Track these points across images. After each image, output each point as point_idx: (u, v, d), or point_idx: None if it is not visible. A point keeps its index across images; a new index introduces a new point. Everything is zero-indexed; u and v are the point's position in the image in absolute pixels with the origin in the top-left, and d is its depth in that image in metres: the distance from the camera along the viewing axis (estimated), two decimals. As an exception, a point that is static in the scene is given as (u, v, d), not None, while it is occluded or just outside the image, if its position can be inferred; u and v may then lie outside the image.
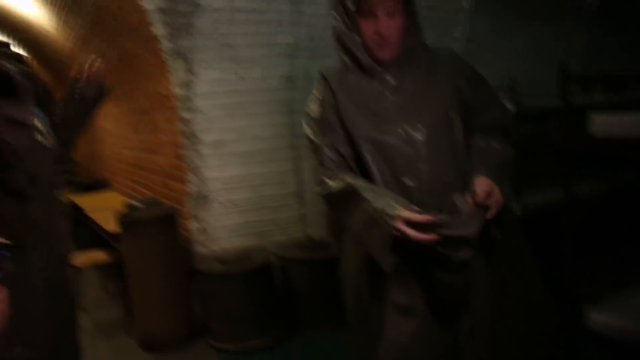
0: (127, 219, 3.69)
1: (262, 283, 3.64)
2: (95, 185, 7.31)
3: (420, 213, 1.43)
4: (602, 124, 2.81)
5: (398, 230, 1.43)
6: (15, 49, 1.75)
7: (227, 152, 4.01)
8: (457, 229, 1.45)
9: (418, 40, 1.72)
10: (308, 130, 1.79)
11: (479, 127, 1.70)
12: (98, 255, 4.62)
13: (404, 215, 1.43)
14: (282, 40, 4.08)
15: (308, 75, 4.18)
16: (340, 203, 1.65)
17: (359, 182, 1.61)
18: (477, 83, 1.74)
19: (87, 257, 4.62)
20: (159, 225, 3.71)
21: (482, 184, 1.51)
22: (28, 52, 8.78)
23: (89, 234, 5.40)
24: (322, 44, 4.18)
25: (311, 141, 1.76)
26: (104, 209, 4.96)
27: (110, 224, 4.07)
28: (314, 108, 1.79)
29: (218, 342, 3.64)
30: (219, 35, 3.88)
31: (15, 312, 1.84)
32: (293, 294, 3.78)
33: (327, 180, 1.67)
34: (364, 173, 1.67)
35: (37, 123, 1.85)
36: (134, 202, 4.09)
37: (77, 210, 5.62)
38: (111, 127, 6.58)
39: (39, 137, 1.84)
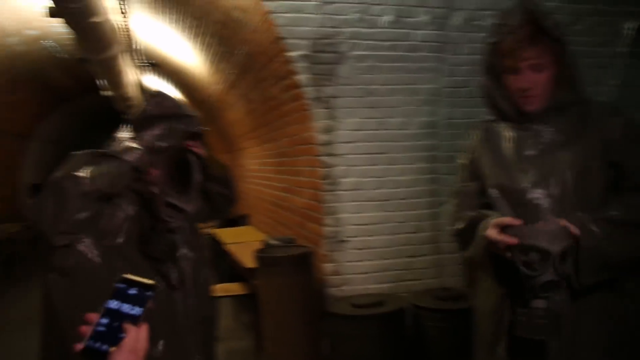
0: (264, 256, 3.82)
1: (393, 329, 3.57)
2: (236, 220, 7.70)
3: None
4: None
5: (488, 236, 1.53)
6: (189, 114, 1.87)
7: (365, 197, 4.04)
8: (540, 240, 1.45)
9: (570, 93, 1.66)
10: (457, 177, 1.91)
11: (625, 188, 1.61)
12: (234, 287, 4.83)
13: (495, 221, 1.54)
14: (424, 87, 4.09)
15: (449, 122, 4.14)
16: (465, 237, 1.73)
17: (480, 213, 1.69)
18: (632, 142, 1.62)
19: (224, 288, 4.84)
20: (295, 264, 3.80)
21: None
22: (183, 93, 9.60)
23: (226, 266, 5.69)
24: (463, 91, 4.15)
25: (456, 187, 1.90)
26: (242, 243, 5.19)
27: (247, 259, 4.24)
28: (464, 157, 1.90)
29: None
30: (360, 82, 3.98)
31: (164, 348, 1.97)
32: (424, 342, 3.67)
33: (458, 221, 1.79)
34: None
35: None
36: (272, 240, 4.25)
37: (217, 243, 5.94)
38: (255, 166, 6.94)
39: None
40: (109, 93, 7.11)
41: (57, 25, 5.81)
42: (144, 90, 8.59)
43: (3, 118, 9.61)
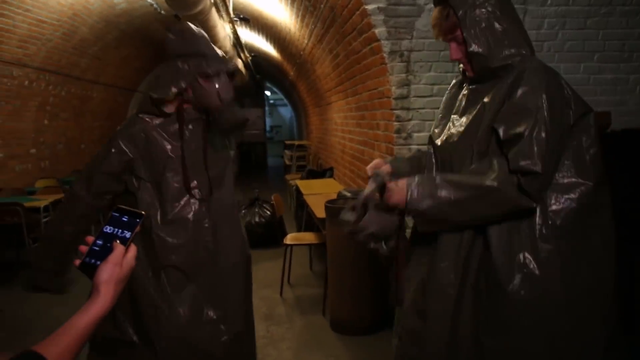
0: (331, 206, 3.95)
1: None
2: (321, 172, 7.88)
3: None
4: None
5: None
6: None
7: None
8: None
9: (486, 57, 1.70)
10: None
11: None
12: (308, 236, 5.03)
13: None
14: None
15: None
16: None
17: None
18: (506, 111, 1.64)
19: (299, 237, 5.05)
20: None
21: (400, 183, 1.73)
22: (275, 48, 9.78)
23: (305, 216, 5.90)
24: (547, 45, 3.99)
25: None
26: (320, 194, 5.36)
27: (320, 210, 4.39)
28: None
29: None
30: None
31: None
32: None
33: None
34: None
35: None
36: (345, 192, 4.35)
37: (299, 193, 6.15)
38: (340, 120, 7.04)
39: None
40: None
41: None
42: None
43: (112, 73, 10.30)
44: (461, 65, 1.83)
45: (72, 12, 6.93)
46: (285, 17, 6.80)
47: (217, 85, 2.21)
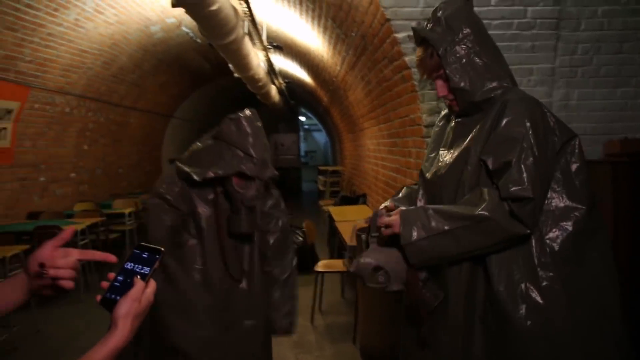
0: (360, 234, 3.93)
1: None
2: (355, 199, 7.87)
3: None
4: None
5: None
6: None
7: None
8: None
9: (467, 93, 1.75)
10: None
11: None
12: (338, 264, 5.01)
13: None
14: (538, 67, 3.94)
15: (566, 103, 3.96)
16: None
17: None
18: (492, 142, 1.67)
19: (331, 264, 5.04)
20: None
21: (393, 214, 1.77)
22: (309, 74, 9.89)
23: (338, 242, 5.88)
24: (581, 71, 3.95)
25: None
26: (353, 221, 5.34)
27: (351, 237, 4.38)
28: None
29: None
30: (470, 62, 3.91)
31: None
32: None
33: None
34: None
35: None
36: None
37: (332, 220, 6.14)
38: (372, 146, 7.04)
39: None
40: (240, 75, 7.54)
41: (190, 13, 6.27)
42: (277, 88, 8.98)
43: (149, 100, 10.56)
44: (447, 101, 1.88)
45: (112, 41, 7.17)
46: (317, 44, 6.89)
47: (245, 191, 2.19)
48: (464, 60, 1.73)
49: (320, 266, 4.94)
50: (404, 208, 1.80)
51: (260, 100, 11.63)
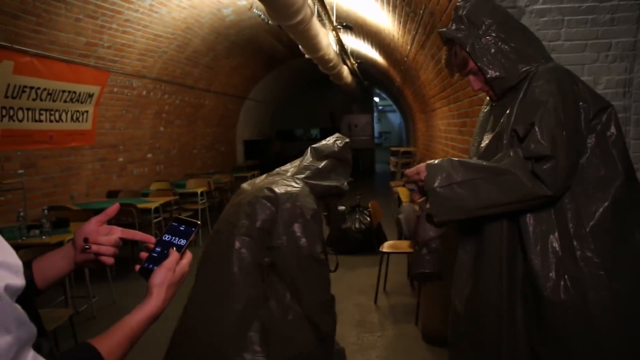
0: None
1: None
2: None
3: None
4: None
5: None
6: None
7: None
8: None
9: (504, 80, 1.77)
10: None
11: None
12: (405, 245, 4.95)
13: None
14: (617, 41, 3.69)
15: (648, 81, 3.71)
16: None
17: None
18: (523, 108, 1.69)
19: (396, 245, 4.99)
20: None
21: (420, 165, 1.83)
22: (381, 54, 9.76)
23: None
24: (666, 46, 3.66)
25: None
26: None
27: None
28: None
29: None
30: (542, 38, 3.72)
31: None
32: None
33: None
34: None
35: None
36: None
37: (400, 201, 6.08)
38: (443, 126, 6.89)
39: None
40: (310, 56, 7.55)
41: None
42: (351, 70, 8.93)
43: (222, 82, 10.79)
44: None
45: (185, 25, 7.35)
46: (387, 23, 6.77)
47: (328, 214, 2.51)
48: (493, 50, 1.75)
49: (386, 247, 4.90)
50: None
51: (332, 81, 11.62)
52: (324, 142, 2.50)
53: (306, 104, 19.90)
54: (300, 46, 6.83)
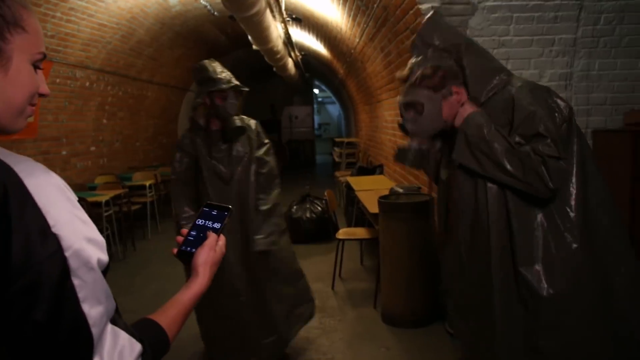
0: (385, 202, 4.03)
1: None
2: (371, 169, 7.95)
3: None
4: None
5: None
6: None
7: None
8: None
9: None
10: None
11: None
12: (360, 231, 5.11)
13: None
14: (559, 37, 3.95)
15: (586, 74, 3.99)
16: None
17: None
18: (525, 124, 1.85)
19: (352, 232, 5.14)
20: (413, 212, 3.96)
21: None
22: (325, 46, 9.87)
23: (356, 211, 5.98)
24: (603, 41, 3.96)
25: None
26: (371, 190, 5.43)
27: (372, 205, 4.47)
28: None
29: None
30: (492, 33, 3.94)
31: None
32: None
33: None
34: None
35: None
36: (397, 188, 4.41)
37: (350, 190, 6.23)
38: (390, 117, 7.08)
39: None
40: (259, 47, 7.56)
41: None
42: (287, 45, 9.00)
43: (166, 73, 10.62)
44: None
45: (131, 15, 7.21)
46: (336, 16, 6.89)
47: (225, 102, 3.19)
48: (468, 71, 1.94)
49: (342, 234, 5.05)
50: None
51: (276, 73, 11.63)
52: None
53: (247, 95, 19.71)
54: (250, 37, 6.85)
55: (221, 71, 3.25)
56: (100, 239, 0.84)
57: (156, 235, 7.75)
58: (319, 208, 6.88)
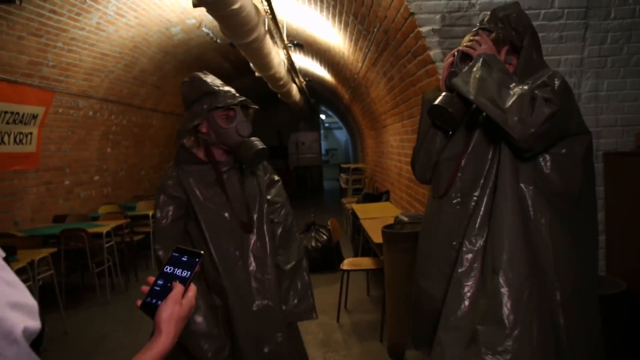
0: (388, 232, 3.88)
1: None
2: (378, 196, 7.81)
3: None
4: None
5: None
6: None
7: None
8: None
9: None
10: None
11: None
12: (365, 262, 4.95)
13: None
14: (565, 58, 3.84)
15: (595, 94, 3.86)
16: None
17: None
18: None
19: (357, 262, 4.99)
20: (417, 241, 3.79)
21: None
22: (330, 72, 9.83)
23: (362, 240, 5.83)
24: (611, 61, 3.84)
25: None
26: (376, 218, 5.29)
27: (376, 235, 4.33)
28: None
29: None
30: (496, 55, 3.83)
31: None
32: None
33: None
34: None
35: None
36: (402, 217, 4.27)
37: (355, 217, 6.09)
38: (395, 142, 6.97)
39: None
40: (261, 74, 7.52)
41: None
42: (290, 70, 8.97)
43: (170, 101, 10.61)
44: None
45: (133, 44, 7.20)
46: (338, 41, 6.84)
47: (234, 123, 2.36)
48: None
49: (346, 264, 4.90)
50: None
51: (281, 99, 11.59)
52: None
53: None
54: (251, 64, 6.80)
55: (221, 84, 2.45)
56: (31, 302, 0.72)
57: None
58: (325, 237, 6.74)
